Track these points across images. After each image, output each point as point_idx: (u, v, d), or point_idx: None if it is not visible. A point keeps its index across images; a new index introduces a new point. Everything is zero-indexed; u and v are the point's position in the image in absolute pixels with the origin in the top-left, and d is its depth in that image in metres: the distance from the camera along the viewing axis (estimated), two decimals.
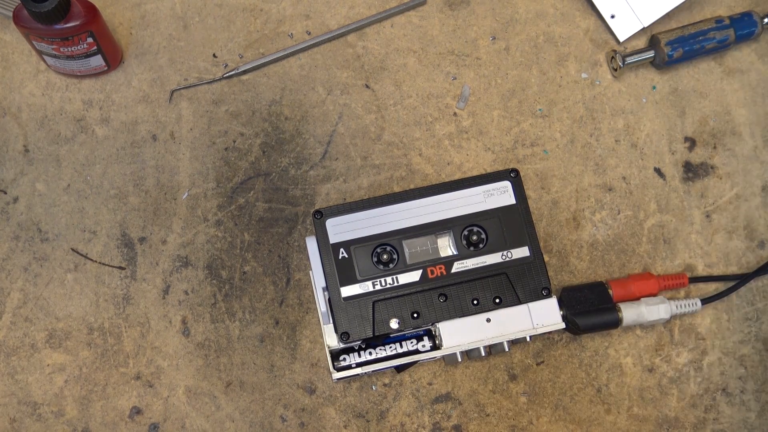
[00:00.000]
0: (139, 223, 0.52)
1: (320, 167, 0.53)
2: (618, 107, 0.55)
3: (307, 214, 0.52)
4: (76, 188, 0.53)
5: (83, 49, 0.50)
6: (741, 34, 0.54)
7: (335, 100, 0.54)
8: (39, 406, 0.49)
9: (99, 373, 0.50)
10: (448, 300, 0.48)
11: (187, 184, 0.53)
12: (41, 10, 0.46)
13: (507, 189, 0.50)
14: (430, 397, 0.50)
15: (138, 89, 0.54)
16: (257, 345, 0.50)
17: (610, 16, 0.55)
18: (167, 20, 0.55)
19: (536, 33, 0.56)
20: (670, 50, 0.53)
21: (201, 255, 0.51)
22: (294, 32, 0.55)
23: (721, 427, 0.50)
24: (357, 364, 0.48)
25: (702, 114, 0.55)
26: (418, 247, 0.49)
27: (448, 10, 0.56)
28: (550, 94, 0.55)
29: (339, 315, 0.48)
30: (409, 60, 0.55)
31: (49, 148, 0.53)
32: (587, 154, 0.54)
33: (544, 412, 0.50)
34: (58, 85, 0.54)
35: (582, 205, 0.53)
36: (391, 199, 0.50)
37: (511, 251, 0.49)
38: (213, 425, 0.49)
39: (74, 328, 0.50)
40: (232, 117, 0.54)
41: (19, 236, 0.52)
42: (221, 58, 0.55)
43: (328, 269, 0.48)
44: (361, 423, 0.49)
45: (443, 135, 0.54)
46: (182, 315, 0.51)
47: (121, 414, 0.49)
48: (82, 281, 0.51)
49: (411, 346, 0.48)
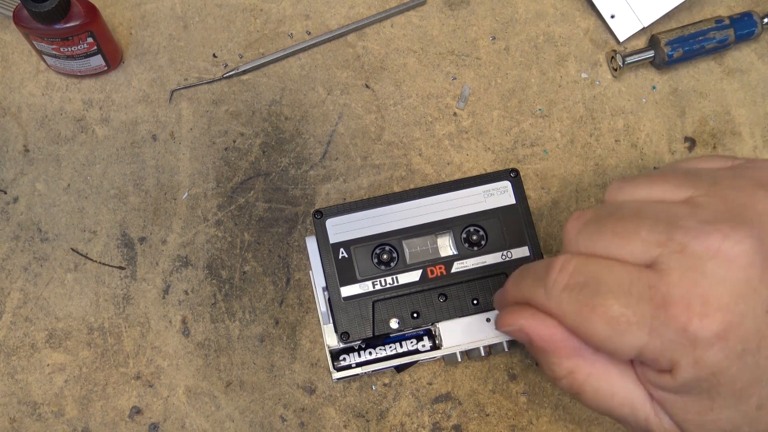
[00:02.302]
0: (139, 222, 0.52)
1: (320, 167, 0.53)
2: (618, 107, 0.55)
3: (307, 214, 0.52)
4: (76, 188, 0.53)
5: (83, 49, 0.50)
6: (741, 34, 0.54)
7: (335, 100, 0.54)
8: (39, 406, 0.49)
9: (99, 372, 0.50)
10: (448, 300, 0.48)
11: (187, 184, 0.53)
12: (41, 10, 0.46)
13: (507, 189, 0.50)
14: (430, 396, 0.50)
15: (138, 89, 0.54)
16: (257, 345, 0.50)
17: (610, 16, 0.55)
18: (167, 20, 0.55)
19: (536, 33, 0.56)
20: (670, 50, 0.53)
21: (201, 255, 0.52)
22: (294, 32, 0.56)
23: None
24: (357, 364, 0.48)
25: (702, 114, 0.55)
26: (418, 246, 0.49)
27: (448, 10, 0.56)
28: (550, 94, 0.55)
29: (339, 315, 0.48)
30: (409, 60, 0.55)
31: (49, 148, 0.53)
32: (587, 154, 0.54)
33: (544, 411, 0.50)
34: (58, 85, 0.54)
35: (582, 205, 0.53)
36: (391, 199, 0.50)
37: (511, 251, 0.49)
38: (213, 425, 0.49)
39: (74, 328, 0.50)
40: (232, 117, 0.54)
41: (19, 236, 0.52)
42: (221, 58, 0.55)
43: (328, 269, 0.48)
44: (361, 423, 0.49)
45: (443, 135, 0.54)
46: (182, 315, 0.51)
47: (121, 414, 0.49)
48: (82, 281, 0.51)
49: (411, 346, 0.48)
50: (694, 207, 0.36)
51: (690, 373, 0.34)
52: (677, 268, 0.34)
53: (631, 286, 0.35)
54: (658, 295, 0.34)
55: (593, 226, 0.37)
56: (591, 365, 0.38)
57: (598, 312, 0.35)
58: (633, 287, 0.34)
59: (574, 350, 0.38)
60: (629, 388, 0.38)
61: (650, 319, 0.34)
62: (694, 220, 0.35)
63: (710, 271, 0.33)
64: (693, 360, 0.34)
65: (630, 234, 0.36)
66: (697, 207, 0.36)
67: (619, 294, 0.35)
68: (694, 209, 0.35)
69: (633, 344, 0.35)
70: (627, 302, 0.34)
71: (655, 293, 0.34)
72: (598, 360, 0.38)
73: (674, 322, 0.33)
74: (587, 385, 0.38)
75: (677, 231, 0.34)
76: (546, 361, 0.39)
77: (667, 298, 0.34)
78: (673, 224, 0.35)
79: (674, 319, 0.33)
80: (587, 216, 0.38)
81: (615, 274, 0.35)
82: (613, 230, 0.36)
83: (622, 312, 0.34)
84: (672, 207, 0.36)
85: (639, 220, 0.36)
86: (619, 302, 0.35)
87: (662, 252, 0.34)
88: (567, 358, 0.38)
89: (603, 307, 0.35)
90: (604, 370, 0.38)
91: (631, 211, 0.37)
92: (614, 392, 0.38)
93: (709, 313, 0.33)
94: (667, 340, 0.34)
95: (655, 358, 0.35)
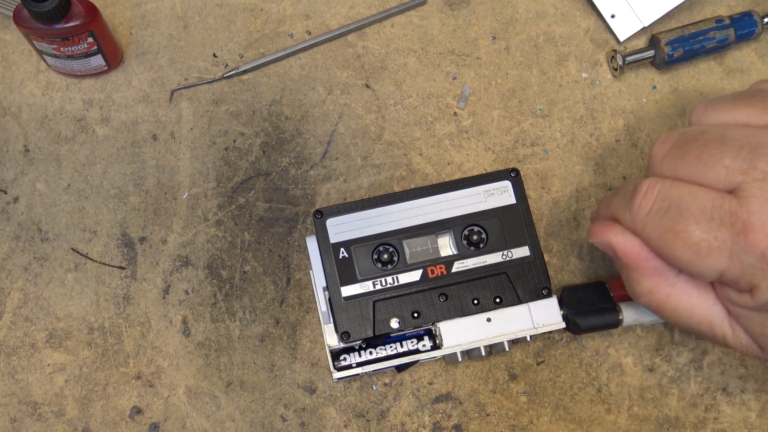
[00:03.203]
0: (139, 222, 0.52)
1: (320, 167, 0.53)
2: (618, 107, 0.55)
3: (308, 213, 0.52)
4: (77, 188, 0.53)
5: (83, 48, 0.50)
6: (741, 33, 0.54)
7: (335, 100, 0.54)
8: (39, 406, 0.49)
9: (99, 372, 0.50)
10: (448, 300, 0.48)
11: (188, 183, 0.53)
12: (42, 10, 0.46)
13: (507, 189, 0.50)
14: (431, 396, 0.50)
15: (138, 89, 0.54)
16: (257, 345, 0.50)
17: (611, 15, 0.55)
18: (167, 20, 0.55)
19: (536, 33, 0.56)
20: (670, 50, 0.53)
21: (201, 255, 0.52)
22: (294, 32, 0.55)
23: (722, 426, 0.50)
24: (357, 364, 0.48)
25: None
26: (419, 246, 0.49)
27: (449, 10, 0.56)
28: (550, 94, 0.55)
29: (339, 315, 0.48)
30: (409, 60, 0.55)
31: (49, 148, 0.53)
32: (588, 153, 0.54)
33: (545, 411, 0.50)
34: (58, 85, 0.54)
35: (582, 204, 0.53)
36: (391, 199, 0.50)
37: (512, 251, 0.49)
38: (213, 425, 0.49)
39: (74, 328, 0.50)
40: (233, 117, 0.54)
41: (20, 236, 0.52)
42: (221, 58, 0.55)
43: (328, 269, 0.48)
44: (361, 423, 0.49)
45: (443, 135, 0.54)
46: (182, 315, 0.51)
47: (121, 414, 0.49)
48: (82, 281, 0.51)
49: (411, 346, 0.48)
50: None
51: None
52: (758, 196, 0.35)
53: (713, 212, 0.36)
54: (738, 221, 0.35)
55: (678, 150, 0.38)
56: (672, 286, 0.40)
57: (681, 237, 0.36)
58: (715, 213, 0.36)
59: (656, 270, 0.40)
60: (708, 306, 0.39)
61: (731, 244, 0.35)
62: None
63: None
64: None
65: (714, 160, 0.37)
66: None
67: (701, 219, 0.36)
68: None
69: (714, 267, 0.36)
70: (708, 227, 0.36)
71: (736, 219, 0.35)
72: (679, 281, 0.40)
73: (754, 248, 0.35)
74: (666, 304, 0.40)
75: (760, 159, 0.35)
76: (628, 278, 0.41)
77: (747, 225, 0.35)
78: (756, 152, 0.36)
79: (754, 245, 0.35)
80: (673, 139, 0.39)
81: (698, 200, 0.36)
82: (697, 156, 0.37)
83: (704, 237, 0.36)
84: (756, 133, 0.37)
85: (723, 147, 0.37)
86: (701, 228, 0.36)
87: (745, 179, 0.35)
88: (649, 276, 0.40)
89: (685, 232, 0.36)
90: (684, 291, 0.40)
91: (715, 136, 0.38)
92: (693, 311, 0.40)
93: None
94: (747, 265, 0.35)
95: (735, 280, 0.36)
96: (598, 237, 0.41)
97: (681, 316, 0.40)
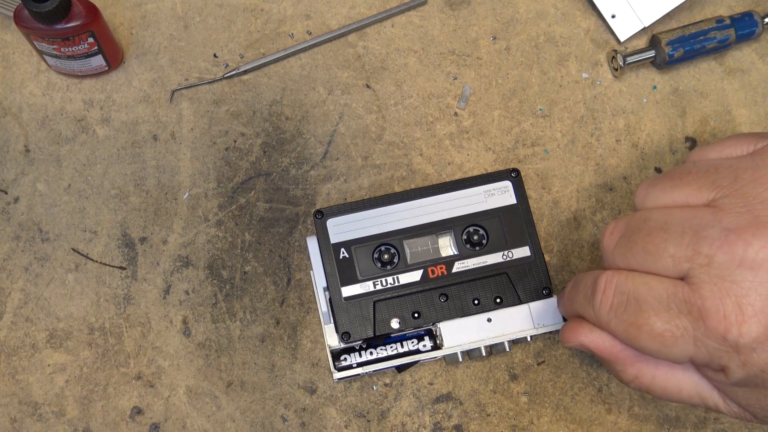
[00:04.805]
0: (139, 223, 0.52)
1: (321, 167, 0.53)
2: (619, 107, 0.55)
3: (308, 214, 0.52)
4: (77, 188, 0.53)
5: (84, 49, 0.50)
6: (742, 33, 0.54)
7: (336, 100, 0.54)
8: (40, 406, 0.49)
9: (100, 373, 0.50)
10: (448, 300, 0.48)
11: (188, 184, 0.53)
12: (42, 10, 0.46)
13: (508, 189, 0.50)
14: (431, 396, 0.50)
15: (139, 89, 0.54)
16: (258, 345, 0.50)
17: (611, 15, 0.55)
18: (168, 20, 0.55)
19: (537, 33, 0.56)
20: (670, 50, 0.53)
21: (202, 255, 0.52)
22: (294, 32, 0.56)
23: (722, 426, 0.50)
24: (358, 364, 0.48)
25: (703, 114, 0.55)
26: (419, 247, 0.49)
27: (449, 10, 0.56)
28: (550, 94, 0.55)
29: (340, 315, 0.48)
30: (409, 60, 0.55)
31: (49, 148, 0.53)
32: (588, 153, 0.54)
33: (545, 411, 0.50)
34: (58, 85, 0.54)
35: (583, 204, 0.53)
36: (391, 199, 0.50)
37: (512, 251, 0.49)
38: (214, 425, 0.49)
39: (75, 328, 0.50)
40: (233, 117, 0.54)
41: (20, 236, 0.52)
42: (222, 58, 0.55)
43: (328, 269, 0.48)
44: (362, 423, 0.49)
45: (444, 135, 0.54)
46: (183, 315, 0.51)
47: (122, 414, 0.49)
48: (82, 281, 0.51)
49: (412, 346, 0.48)
50: (717, 212, 0.36)
51: (740, 374, 0.36)
52: (707, 281, 0.35)
53: (669, 302, 0.36)
54: (694, 308, 0.35)
55: (625, 242, 0.39)
56: (655, 368, 0.40)
57: (644, 329, 0.37)
58: (671, 302, 0.36)
59: (636, 357, 0.40)
60: (694, 381, 0.40)
61: (692, 330, 0.36)
62: (717, 228, 0.36)
63: (739, 280, 0.35)
64: (740, 363, 0.35)
65: (659, 250, 0.37)
66: (720, 212, 0.36)
67: (659, 310, 0.36)
68: (717, 215, 0.36)
69: (682, 354, 0.37)
70: (668, 317, 0.36)
71: (691, 307, 0.35)
72: (660, 363, 0.40)
73: (714, 333, 0.35)
74: (654, 386, 0.41)
75: (703, 243, 0.36)
76: (612, 369, 0.42)
77: (703, 311, 0.35)
78: (698, 235, 0.36)
79: (713, 331, 0.35)
80: (621, 229, 0.40)
81: (653, 291, 0.37)
82: (644, 247, 0.38)
83: (666, 327, 0.36)
84: (696, 214, 0.37)
85: (666, 235, 0.37)
86: (661, 318, 0.36)
87: (691, 266, 0.36)
88: (630, 365, 0.40)
89: (647, 324, 0.37)
90: (668, 372, 0.40)
91: (657, 223, 0.38)
92: (681, 387, 0.40)
93: (746, 321, 0.34)
94: (712, 349, 0.35)
95: (705, 363, 0.37)
96: (571, 341, 0.42)
97: (671, 394, 0.41)
